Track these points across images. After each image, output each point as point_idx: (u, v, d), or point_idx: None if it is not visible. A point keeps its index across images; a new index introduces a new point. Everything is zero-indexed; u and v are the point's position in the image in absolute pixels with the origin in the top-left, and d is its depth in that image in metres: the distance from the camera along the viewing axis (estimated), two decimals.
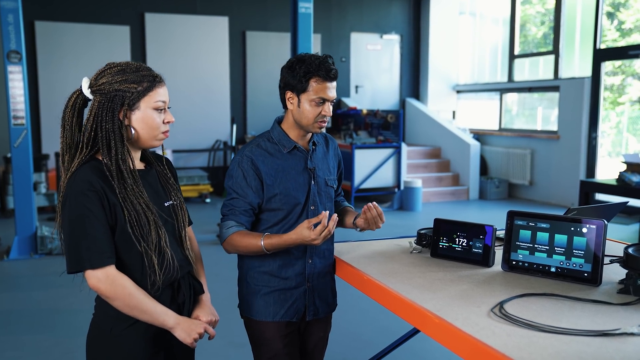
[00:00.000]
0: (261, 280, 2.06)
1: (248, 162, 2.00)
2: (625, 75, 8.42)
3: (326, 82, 1.96)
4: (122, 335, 1.61)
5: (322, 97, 1.96)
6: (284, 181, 2.01)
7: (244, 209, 2.00)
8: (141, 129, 1.63)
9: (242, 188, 1.99)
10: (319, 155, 2.13)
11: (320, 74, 1.95)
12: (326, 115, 1.99)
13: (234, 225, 1.98)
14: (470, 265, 2.03)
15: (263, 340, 2.07)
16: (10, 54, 5.61)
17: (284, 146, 2.05)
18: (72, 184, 1.55)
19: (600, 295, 1.69)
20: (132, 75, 1.60)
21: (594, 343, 1.34)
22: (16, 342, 3.72)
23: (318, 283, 2.11)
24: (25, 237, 5.75)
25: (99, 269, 1.53)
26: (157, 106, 1.63)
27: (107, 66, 1.63)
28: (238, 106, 9.77)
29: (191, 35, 9.34)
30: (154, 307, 1.58)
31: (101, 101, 1.59)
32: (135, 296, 1.55)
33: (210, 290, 1.93)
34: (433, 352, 3.55)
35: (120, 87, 1.58)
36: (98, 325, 1.64)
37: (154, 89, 1.63)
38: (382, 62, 10.77)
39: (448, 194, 9.07)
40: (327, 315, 2.21)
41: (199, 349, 3.73)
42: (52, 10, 8.65)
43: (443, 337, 1.50)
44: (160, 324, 1.60)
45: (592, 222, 1.79)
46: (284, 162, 2.03)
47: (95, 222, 1.53)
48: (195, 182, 8.74)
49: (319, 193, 2.08)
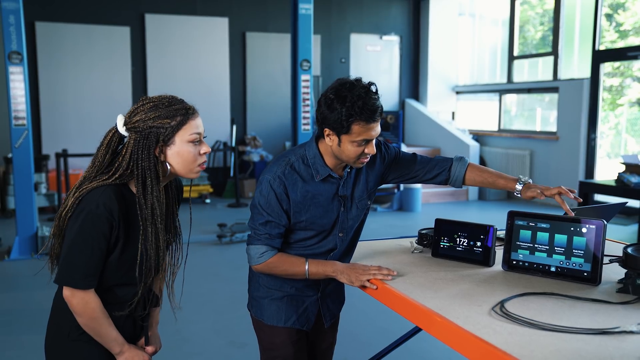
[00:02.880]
0: (274, 283, 2.03)
1: (281, 185, 1.88)
2: (624, 77, 8.45)
3: (373, 124, 1.80)
4: (78, 340, 1.66)
5: (365, 138, 1.81)
6: (312, 209, 1.92)
7: (279, 232, 1.92)
8: (177, 163, 1.63)
9: (276, 212, 1.89)
10: (352, 177, 2.01)
11: (364, 118, 1.77)
12: (369, 154, 1.87)
13: (268, 250, 1.91)
14: (471, 265, 2.04)
15: (273, 344, 2.05)
16: (12, 55, 5.62)
17: (318, 172, 1.91)
18: (91, 203, 1.55)
19: (599, 294, 1.70)
20: (164, 110, 1.60)
21: (593, 341, 1.36)
22: (17, 341, 3.73)
23: (331, 291, 2.12)
24: (26, 238, 5.76)
25: (81, 290, 1.58)
26: (192, 139, 1.63)
27: (140, 102, 1.63)
28: (238, 107, 9.79)
29: (191, 36, 9.35)
30: (109, 333, 1.65)
31: (137, 139, 1.58)
32: (98, 321, 1.62)
33: (211, 290, 1.96)
34: (432, 352, 3.56)
35: (154, 123, 1.58)
36: (56, 329, 1.70)
37: (187, 122, 1.62)
38: (382, 63, 10.79)
39: (447, 195, 9.09)
40: (337, 316, 2.23)
41: (199, 349, 3.73)
42: (53, 11, 8.65)
43: (445, 335, 1.52)
44: (108, 347, 1.67)
45: (591, 222, 1.81)
46: (314, 188, 1.92)
47: (97, 249, 1.56)
48: (195, 182, 8.75)
49: (348, 219, 2.01)
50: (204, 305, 4.36)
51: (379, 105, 1.81)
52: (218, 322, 4.03)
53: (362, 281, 1.84)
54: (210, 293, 4.63)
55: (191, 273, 5.07)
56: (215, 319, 4.09)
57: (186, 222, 1.87)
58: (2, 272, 5.35)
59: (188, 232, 1.85)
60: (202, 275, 5.14)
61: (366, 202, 2.05)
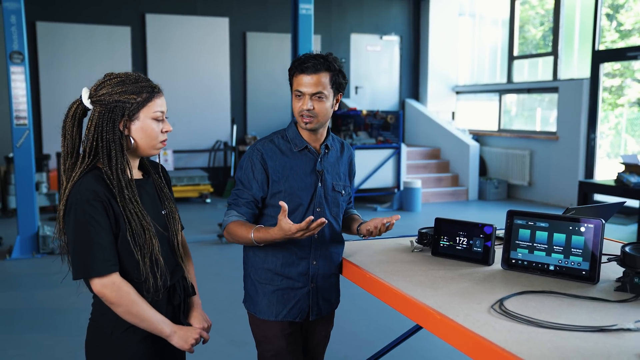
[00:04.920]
0: (265, 277, 2.08)
1: (258, 155, 2.04)
2: (624, 77, 8.46)
3: (302, 75, 1.97)
4: (122, 338, 1.64)
5: (298, 89, 1.98)
6: (290, 179, 2.03)
7: (247, 200, 2.03)
8: (140, 138, 1.66)
9: (249, 180, 2.03)
10: (330, 159, 2.13)
11: (296, 68, 1.99)
12: (304, 109, 1.98)
13: (234, 215, 2.02)
14: (471, 263, 2.06)
15: (266, 338, 2.09)
16: (13, 55, 5.63)
17: (296, 145, 2.06)
18: (77, 193, 1.58)
19: (597, 292, 1.72)
20: (131, 86, 1.63)
21: (591, 338, 1.38)
22: (19, 340, 3.75)
23: (323, 284, 2.12)
24: (27, 237, 5.77)
25: (105, 276, 1.57)
26: (156, 116, 1.67)
27: (106, 77, 1.66)
28: (238, 107, 9.80)
29: (192, 36, 9.37)
30: (153, 315, 1.63)
31: (101, 112, 1.62)
32: (137, 303, 1.60)
33: (212, 290, 1.97)
34: (433, 350, 3.58)
35: (121, 98, 1.61)
36: (98, 328, 1.68)
37: (152, 100, 1.66)
38: (382, 63, 10.80)
39: (447, 195, 9.10)
40: (330, 314, 2.24)
41: (200, 348, 3.76)
42: (54, 11, 8.67)
43: (445, 333, 1.53)
44: (157, 332, 1.64)
45: (590, 222, 1.82)
46: (293, 161, 2.05)
47: (100, 231, 1.56)
48: (196, 182, 8.77)
49: (326, 196, 2.09)
50: (204, 304, 4.34)
51: (313, 61, 1.96)
52: (218, 321, 4.05)
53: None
54: (210, 292, 4.63)
55: None
56: (216, 318, 4.09)
57: (186, 222, 1.89)
58: (3, 271, 5.37)
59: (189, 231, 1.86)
60: (202, 274, 5.13)
61: (341, 188, 2.15)
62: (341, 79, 2.02)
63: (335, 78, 1.99)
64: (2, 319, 4.13)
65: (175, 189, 8.53)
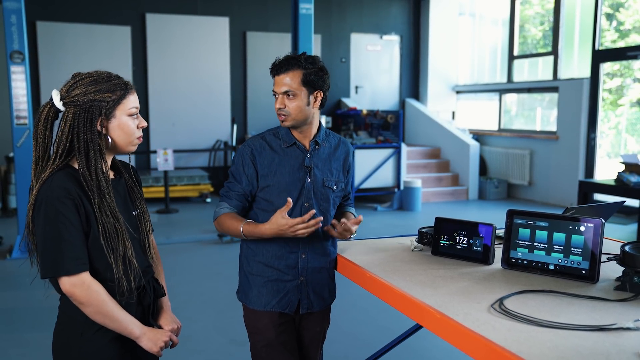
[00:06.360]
0: (257, 269, 2.13)
1: (248, 151, 2.12)
2: (624, 77, 8.46)
3: (275, 77, 2.07)
4: (92, 339, 1.63)
5: (273, 90, 2.09)
6: (279, 174, 2.09)
7: (238, 193, 2.11)
8: (118, 136, 1.66)
9: (239, 174, 2.12)
10: (321, 155, 2.16)
11: (272, 71, 2.09)
12: (277, 108, 2.06)
13: (225, 207, 2.10)
14: (471, 263, 2.06)
15: (256, 328, 2.14)
16: (13, 54, 5.64)
17: (285, 141, 2.13)
18: (47, 190, 1.55)
19: (597, 291, 1.72)
20: (105, 84, 1.62)
21: (591, 337, 1.38)
22: (20, 340, 3.75)
23: (313, 278, 2.15)
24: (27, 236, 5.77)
25: (75, 275, 1.55)
26: (131, 112, 1.67)
27: (75, 77, 1.64)
28: (238, 106, 9.80)
29: (192, 35, 9.37)
30: (123, 316, 1.62)
31: (76, 112, 1.59)
32: (107, 303, 1.58)
33: (212, 289, 1.97)
34: (433, 350, 3.58)
35: (96, 97, 1.60)
36: (67, 329, 1.66)
37: (127, 97, 1.66)
38: (382, 62, 10.80)
39: (447, 194, 9.10)
40: (324, 310, 2.24)
41: (200, 348, 3.75)
42: (54, 11, 8.67)
43: (444, 332, 1.54)
44: (127, 333, 1.63)
45: (589, 221, 1.82)
46: (282, 157, 2.11)
47: (71, 228, 1.54)
48: (196, 182, 8.77)
49: (314, 192, 2.12)
50: (205, 303, 4.38)
51: (282, 62, 2.05)
52: (219, 321, 4.05)
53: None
54: (211, 292, 4.64)
55: (192, 272, 5.10)
56: (217, 317, 4.11)
57: (187, 221, 1.89)
58: (4, 270, 5.37)
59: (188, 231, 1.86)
60: (203, 274, 5.16)
61: (333, 183, 2.17)
62: (314, 77, 2.03)
63: (307, 76, 2.02)
64: (2, 319, 4.14)
65: (176, 189, 8.54)
